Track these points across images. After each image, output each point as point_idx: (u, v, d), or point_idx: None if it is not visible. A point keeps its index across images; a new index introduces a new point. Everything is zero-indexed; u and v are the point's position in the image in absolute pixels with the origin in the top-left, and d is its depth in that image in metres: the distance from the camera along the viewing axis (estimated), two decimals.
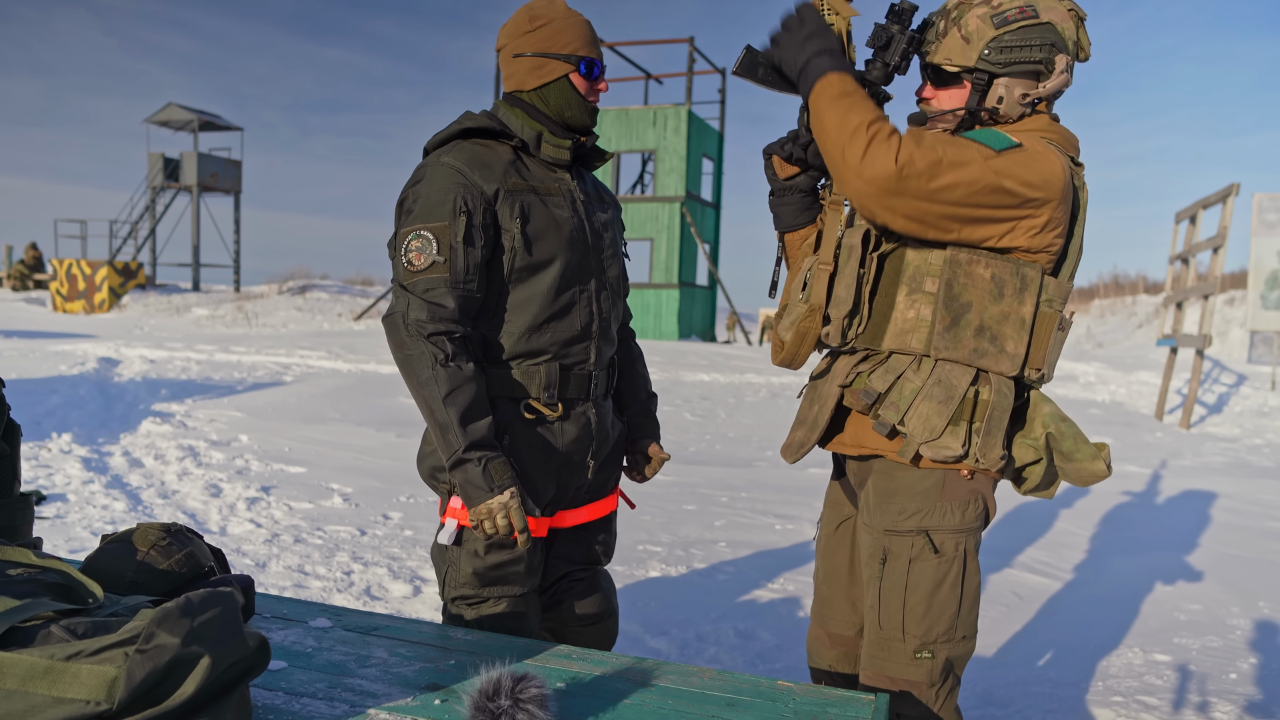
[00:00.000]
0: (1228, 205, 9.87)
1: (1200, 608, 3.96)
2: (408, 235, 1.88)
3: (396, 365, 1.90)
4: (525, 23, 1.98)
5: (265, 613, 1.82)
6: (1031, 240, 1.71)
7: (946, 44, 1.80)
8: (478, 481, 1.80)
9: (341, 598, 3.79)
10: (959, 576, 1.79)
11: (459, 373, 1.83)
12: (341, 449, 6.95)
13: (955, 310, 1.74)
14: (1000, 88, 1.78)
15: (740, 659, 3.32)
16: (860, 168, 1.61)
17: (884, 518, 1.82)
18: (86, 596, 1.39)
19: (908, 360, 1.78)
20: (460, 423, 1.81)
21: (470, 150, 1.94)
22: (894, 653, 1.81)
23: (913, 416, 1.74)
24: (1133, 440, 8.81)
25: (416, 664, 1.57)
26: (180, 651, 1.10)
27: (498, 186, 1.91)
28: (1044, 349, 1.77)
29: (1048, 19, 1.75)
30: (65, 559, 1.56)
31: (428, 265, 1.86)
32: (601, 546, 2.20)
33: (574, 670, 1.56)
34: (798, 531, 5.09)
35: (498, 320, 1.95)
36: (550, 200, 1.98)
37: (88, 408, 8.20)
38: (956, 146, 1.64)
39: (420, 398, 1.84)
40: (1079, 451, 1.77)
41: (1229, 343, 18.02)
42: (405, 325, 1.85)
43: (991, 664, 3.33)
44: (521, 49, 1.98)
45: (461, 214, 1.87)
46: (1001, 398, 1.74)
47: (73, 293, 24.23)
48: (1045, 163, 1.67)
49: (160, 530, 1.70)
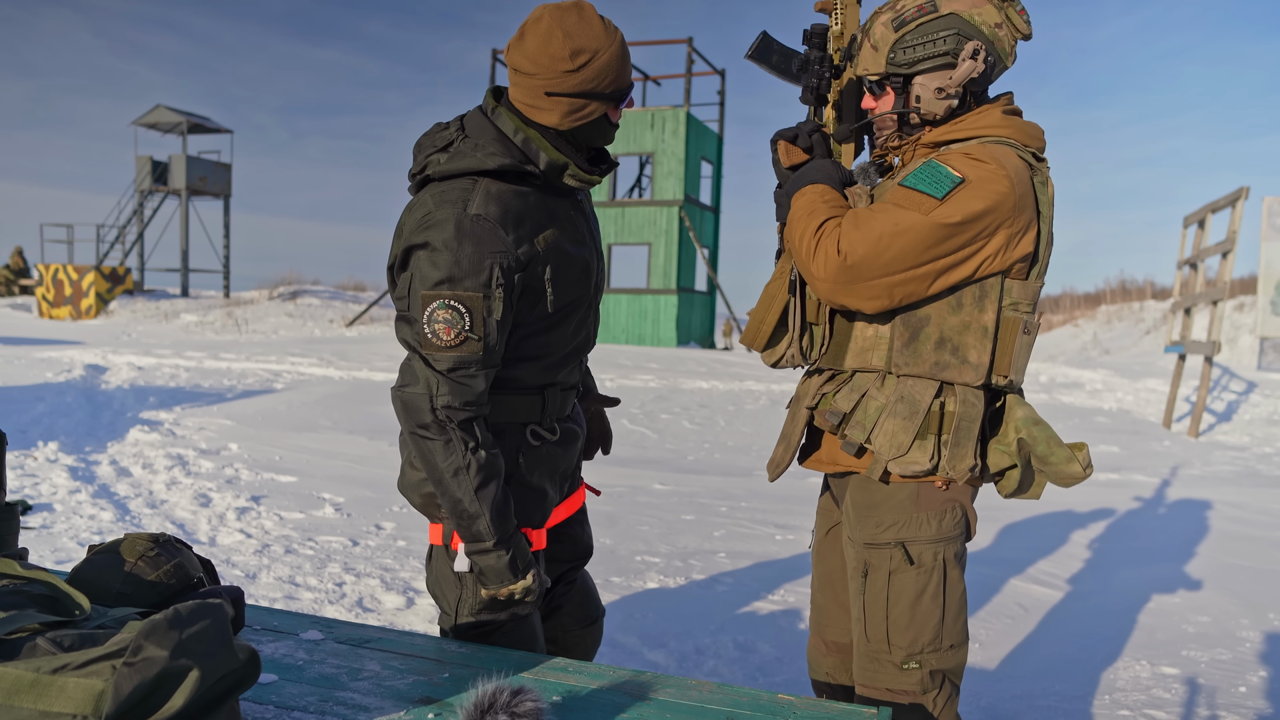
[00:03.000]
0: (1237, 209, 9.89)
1: (1209, 620, 3.96)
2: (433, 301, 1.70)
3: (409, 440, 1.78)
4: (565, 59, 1.73)
5: (255, 625, 1.82)
6: (1001, 262, 1.74)
7: (862, 56, 1.86)
8: (503, 570, 1.79)
9: (333, 609, 3.79)
10: (940, 586, 1.82)
11: (491, 463, 1.76)
12: (333, 458, 6.95)
13: (913, 325, 1.78)
14: (917, 87, 1.83)
15: (740, 672, 3.32)
16: (814, 268, 1.73)
17: (863, 531, 1.86)
18: (73, 608, 1.39)
19: (871, 378, 1.83)
20: (493, 517, 1.76)
21: (500, 198, 1.74)
22: (882, 665, 1.84)
23: (879, 434, 1.79)
24: (1140, 449, 8.81)
25: (410, 677, 1.58)
26: (169, 664, 1.11)
27: (533, 249, 1.77)
28: (1009, 355, 1.79)
29: (949, 9, 1.77)
30: (51, 570, 1.56)
31: (459, 342, 1.71)
32: (585, 537, 2.21)
33: (570, 683, 1.56)
34: (798, 542, 5.09)
35: (507, 359, 1.85)
36: (571, 236, 1.88)
37: (74, 416, 8.20)
38: (897, 212, 1.70)
39: (443, 485, 1.75)
40: (1053, 455, 1.79)
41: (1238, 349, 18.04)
42: (434, 410, 1.71)
43: (996, 676, 3.33)
44: (559, 89, 1.76)
45: (498, 286, 1.71)
46: (969, 408, 1.77)
47: (59, 298, 24.22)
48: (989, 188, 1.69)
49: (148, 541, 1.70)
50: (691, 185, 22.11)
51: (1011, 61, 1.84)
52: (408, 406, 1.74)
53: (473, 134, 1.81)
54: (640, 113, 21.96)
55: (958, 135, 1.82)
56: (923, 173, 1.73)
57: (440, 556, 1.94)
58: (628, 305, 21.78)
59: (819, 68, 1.90)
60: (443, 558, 1.93)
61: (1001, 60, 1.82)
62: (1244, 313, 19.40)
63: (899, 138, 1.89)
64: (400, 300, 1.79)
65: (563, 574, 2.17)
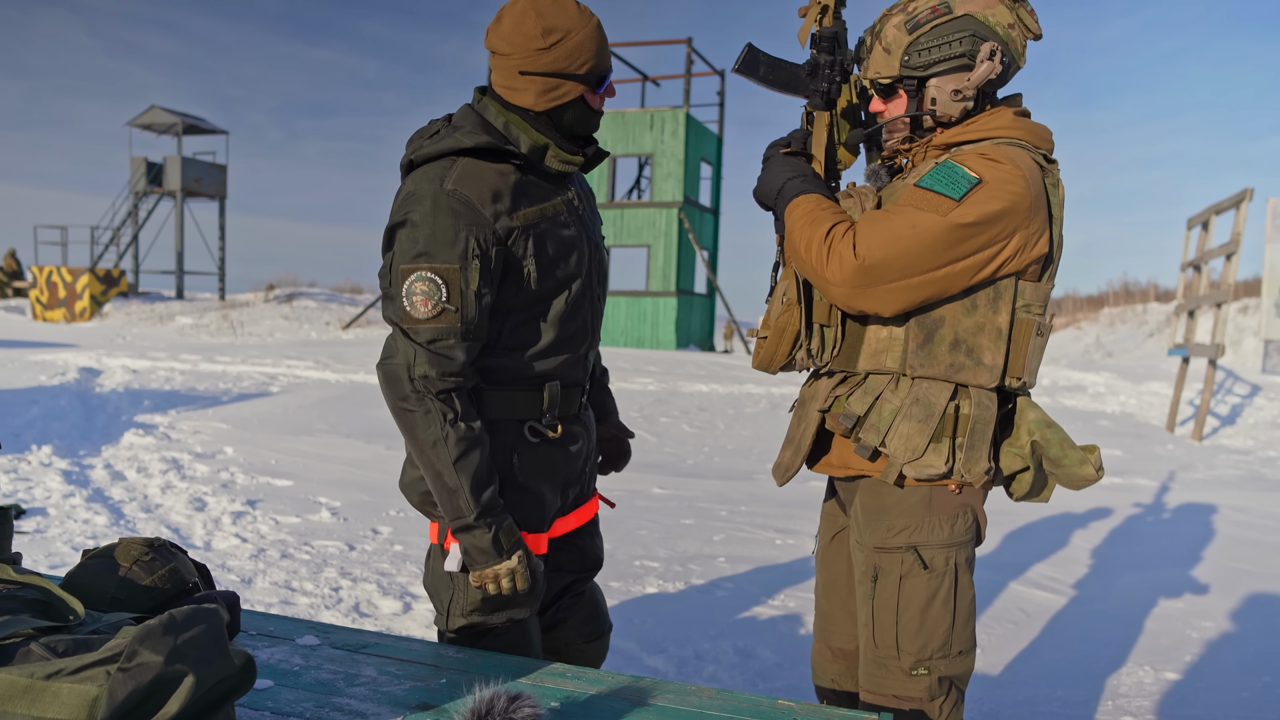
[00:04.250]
0: (1241, 210, 9.90)
1: (1212, 625, 3.97)
2: (410, 275, 1.75)
3: (393, 416, 1.80)
4: (537, 37, 1.80)
5: (251, 630, 1.82)
6: (1018, 263, 1.74)
7: (873, 59, 1.86)
8: (486, 548, 1.79)
9: (329, 614, 3.79)
10: (951, 592, 1.81)
11: (470, 434, 1.77)
12: (329, 461, 6.95)
13: (928, 326, 1.77)
14: (932, 89, 1.83)
15: (740, 678, 3.32)
16: (829, 274, 1.72)
17: (873, 535, 1.86)
18: (67, 613, 1.39)
19: (885, 380, 1.82)
20: (472, 490, 1.77)
21: (477, 175, 1.79)
22: (890, 670, 1.84)
23: (894, 437, 1.78)
24: (1143, 452, 8.81)
25: (407, 683, 1.58)
26: (164, 670, 1.11)
27: (511, 223, 1.80)
28: (1023, 357, 1.79)
29: (964, 10, 1.77)
30: (45, 575, 1.56)
31: (436, 313, 1.74)
32: (594, 549, 2.19)
33: (569, 689, 1.56)
34: (799, 546, 5.09)
35: (500, 347, 1.88)
36: (559, 219, 1.90)
37: (69, 419, 8.20)
38: (914, 214, 1.69)
39: (425, 458, 1.77)
40: (1066, 457, 1.79)
41: (1242, 352, 18.04)
42: (411, 380, 1.75)
43: (998, 683, 3.33)
44: (532, 67, 1.82)
45: (475, 257, 1.75)
46: (983, 410, 1.77)
47: (53, 301, 24.21)
48: (1006, 189, 1.69)
49: (143, 545, 1.71)
50: (691, 186, 22.11)
51: (1023, 62, 1.85)
52: (389, 378, 1.78)
53: (457, 122, 1.88)
54: (639, 113, 21.97)
55: (970, 137, 1.82)
56: (939, 173, 1.73)
57: (437, 555, 1.95)
58: (626, 307, 21.78)
59: (829, 72, 1.89)
60: (439, 556, 1.94)
61: (1015, 61, 1.82)
62: (1248, 315, 19.41)
63: (910, 140, 1.89)
64: (383, 279, 1.84)
65: (569, 585, 2.15)
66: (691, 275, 22.67)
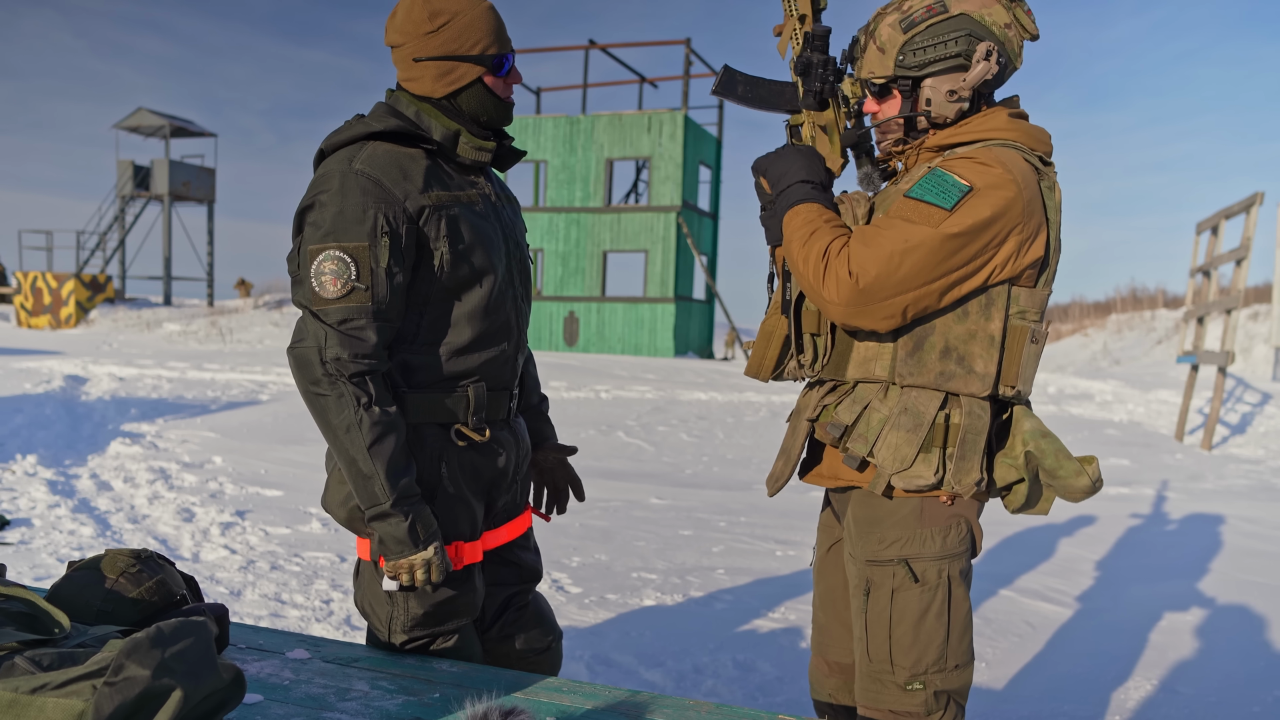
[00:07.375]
0: (1251, 215, 9.92)
1: (1221, 638, 3.97)
2: (319, 254, 1.76)
3: (305, 402, 1.79)
4: (424, 20, 1.85)
5: (240, 643, 1.82)
6: (1012, 268, 1.75)
7: (867, 58, 1.87)
8: (402, 537, 1.77)
9: (320, 627, 3.78)
10: (944, 605, 1.81)
11: (384, 418, 1.76)
12: (320, 471, 6.94)
13: (917, 334, 1.78)
14: (927, 89, 1.84)
15: (739, 692, 3.31)
16: (826, 293, 1.73)
17: (865, 548, 1.86)
18: (52, 626, 1.39)
19: (874, 389, 1.82)
20: (388, 476, 1.75)
21: (386, 155, 1.81)
22: (885, 685, 1.84)
23: (882, 447, 1.78)
24: (1151, 462, 8.82)
25: (399, 697, 1.58)
26: (151, 684, 1.11)
27: (422, 201, 1.81)
28: (1017, 365, 1.79)
29: (959, 10, 1.78)
30: (30, 587, 1.57)
31: (345, 292, 1.75)
32: (532, 561, 2.19)
33: (564, 704, 1.56)
34: (799, 558, 5.10)
35: (419, 343, 1.88)
36: (475, 209, 1.91)
37: (54, 428, 8.19)
38: (906, 228, 1.70)
39: (338, 444, 1.76)
40: (1062, 468, 1.78)
41: (1253, 360, 18.06)
42: (323, 363, 1.74)
43: (1003, 697, 3.34)
44: (423, 52, 1.86)
45: (384, 234, 1.76)
46: (975, 419, 1.77)
47: (38, 307, 24.21)
48: (997, 193, 1.70)
49: (130, 557, 1.71)
50: (689, 190, 22.15)
51: (1020, 63, 1.86)
52: (299, 363, 1.78)
53: (370, 114, 1.92)
54: (636, 116, 22.01)
55: (963, 138, 1.83)
56: (929, 182, 1.73)
57: (369, 572, 1.92)
58: (624, 314, 21.80)
59: (823, 71, 1.90)
60: (371, 574, 1.91)
61: (1012, 62, 1.84)
62: (1259, 322, 19.43)
63: (904, 142, 1.90)
64: (291, 263, 1.85)
65: (511, 597, 2.15)
66: (690, 281, 22.70)
